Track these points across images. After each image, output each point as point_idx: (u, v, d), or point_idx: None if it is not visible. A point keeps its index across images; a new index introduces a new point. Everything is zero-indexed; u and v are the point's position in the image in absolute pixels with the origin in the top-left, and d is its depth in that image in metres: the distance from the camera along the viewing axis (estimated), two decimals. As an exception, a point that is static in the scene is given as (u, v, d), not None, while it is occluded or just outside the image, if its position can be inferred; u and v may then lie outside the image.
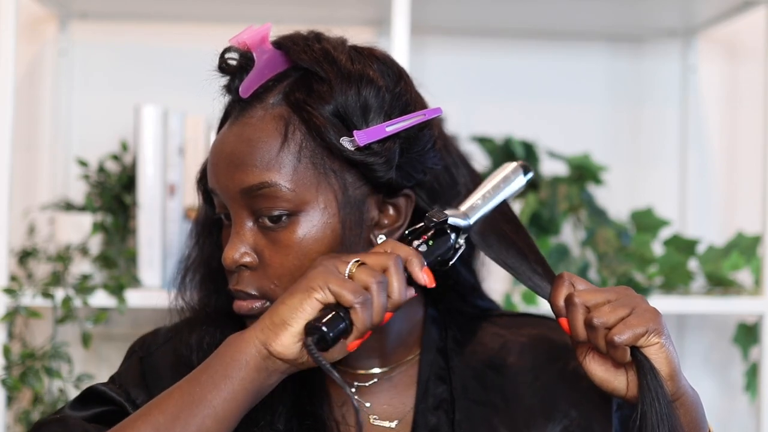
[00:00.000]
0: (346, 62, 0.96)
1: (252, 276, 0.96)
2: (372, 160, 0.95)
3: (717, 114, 2.14)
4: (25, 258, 1.79)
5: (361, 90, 0.96)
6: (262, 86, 0.97)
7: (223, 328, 1.01)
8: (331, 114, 0.95)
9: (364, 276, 0.88)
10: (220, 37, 1.01)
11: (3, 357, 1.64)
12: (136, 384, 1.02)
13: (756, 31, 1.95)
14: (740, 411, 2.09)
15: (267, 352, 0.87)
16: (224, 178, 0.96)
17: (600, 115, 2.12)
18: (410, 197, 1.00)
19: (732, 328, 2.01)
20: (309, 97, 0.95)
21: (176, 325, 1.06)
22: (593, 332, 0.91)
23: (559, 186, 1.89)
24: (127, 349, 1.09)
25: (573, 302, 0.92)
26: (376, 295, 0.88)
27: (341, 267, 0.89)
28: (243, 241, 0.96)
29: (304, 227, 0.94)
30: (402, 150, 0.97)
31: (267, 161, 0.94)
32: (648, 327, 0.89)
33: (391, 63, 1.01)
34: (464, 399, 1.02)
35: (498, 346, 1.07)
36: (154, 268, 1.73)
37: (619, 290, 0.93)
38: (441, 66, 2.08)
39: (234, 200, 0.96)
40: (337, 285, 0.87)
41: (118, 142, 1.87)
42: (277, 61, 0.97)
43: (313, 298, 0.87)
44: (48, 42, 2.02)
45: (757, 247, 1.89)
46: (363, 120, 0.96)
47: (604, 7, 1.94)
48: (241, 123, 0.96)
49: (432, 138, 1.01)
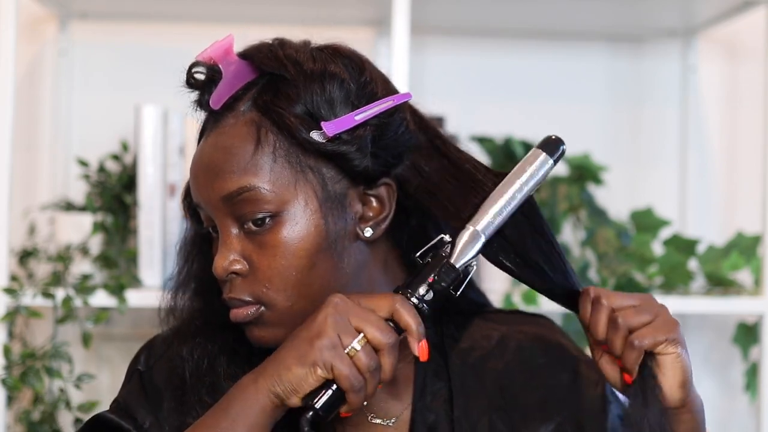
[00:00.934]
0: (307, 61, 0.98)
1: (244, 282, 0.97)
2: (344, 149, 0.96)
3: (717, 114, 2.14)
4: (26, 258, 1.79)
5: (325, 85, 0.97)
6: (232, 96, 0.99)
7: (215, 339, 1.02)
8: (300, 112, 0.96)
9: (366, 360, 0.90)
10: (220, 37, 1.02)
11: (3, 357, 1.64)
12: (141, 405, 1.02)
13: (756, 31, 1.95)
14: (740, 411, 2.09)
15: (280, 402, 0.91)
16: (205, 189, 0.98)
17: (600, 115, 2.12)
18: (391, 186, 1.01)
19: (732, 328, 2.01)
20: (276, 99, 0.97)
21: (169, 337, 1.06)
22: (614, 331, 0.94)
23: (559, 186, 1.89)
24: (128, 368, 1.08)
25: (600, 302, 0.95)
26: (370, 381, 0.90)
27: (346, 339, 0.90)
28: (231, 249, 0.97)
29: (287, 226, 0.96)
30: (374, 137, 0.98)
31: (243, 166, 0.96)
32: (668, 336, 0.93)
33: (353, 56, 1.03)
34: (462, 395, 1.02)
35: (494, 343, 1.08)
36: (155, 268, 1.74)
37: (644, 297, 0.96)
38: (441, 66, 2.08)
39: (217, 209, 0.97)
40: (339, 367, 0.89)
41: (119, 142, 1.87)
42: (244, 71, 0.99)
43: (318, 374, 0.89)
44: (48, 42, 2.03)
45: (757, 247, 1.89)
46: (331, 113, 0.97)
47: (604, 7, 1.94)
48: (216, 133, 0.98)
49: (404, 121, 1.02)
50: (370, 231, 1.00)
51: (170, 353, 1.04)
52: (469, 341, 1.07)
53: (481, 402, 1.03)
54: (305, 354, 0.89)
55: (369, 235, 1.00)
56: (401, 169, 1.02)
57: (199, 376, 1.00)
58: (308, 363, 0.89)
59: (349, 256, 0.99)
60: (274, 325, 0.98)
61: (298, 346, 0.90)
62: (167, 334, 1.07)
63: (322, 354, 0.89)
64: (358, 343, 0.90)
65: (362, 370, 0.90)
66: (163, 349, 1.06)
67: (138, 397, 1.03)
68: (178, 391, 1.01)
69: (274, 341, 0.96)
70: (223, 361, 1.01)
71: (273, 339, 0.97)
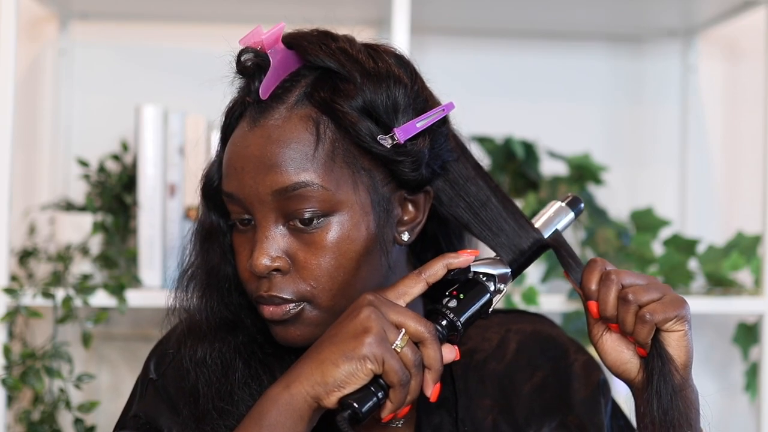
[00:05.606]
0: (367, 60, 0.96)
1: (285, 280, 0.95)
2: (403, 158, 0.95)
3: (717, 114, 2.14)
4: (26, 258, 1.79)
5: (391, 88, 0.96)
6: (279, 86, 0.96)
7: (225, 340, 1.00)
8: (361, 113, 0.95)
9: (411, 355, 0.89)
10: (220, 37, 1.01)
11: (3, 357, 1.64)
12: (162, 414, 1.00)
13: (756, 31, 1.95)
14: (740, 411, 2.09)
15: (317, 405, 0.89)
16: (252, 182, 0.94)
17: (600, 115, 2.12)
18: (429, 193, 1.00)
19: (732, 328, 2.01)
20: (336, 96, 0.94)
21: (180, 337, 1.03)
22: (624, 307, 0.93)
23: (559, 186, 1.89)
24: (138, 379, 1.06)
25: (610, 278, 0.95)
26: (415, 377, 0.90)
27: (391, 335, 0.89)
28: (273, 245, 0.94)
29: (339, 227, 0.94)
30: (430, 146, 0.98)
31: (301, 161, 0.93)
32: (678, 313, 0.93)
33: (406, 61, 1.02)
34: (465, 397, 1.03)
35: (496, 343, 1.08)
36: (155, 268, 1.74)
37: (649, 277, 0.96)
38: (441, 66, 2.08)
39: (263, 203, 0.94)
40: (390, 361, 0.88)
41: (119, 142, 1.88)
42: (289, 60, 0.97)
43: (368, 368, 0.88)
44: (48, 42, 2.03)
45: (757, 247, 1.89)
46: (394, 118, 0.96)
47: (605, 8, 1.94)
48: (264, 125, 0.95)
49: (447, 132, 1.02)
50: (407, 235, 0.99)
51: (180, 357, 1.01)
52: (471, 343, 1.07)
53: (484, 403, 1.03)
54: (353, 349, 0.88)
55: (406, 239, 0.99)
56: (441, 179, 1.01)
57: (211, 383, 0.98)
58: (357, 358, 0.87)
59: (389, 258, 0.98)
60: (312, 324, 0.96)
61: (341, 343, 0.89)
62: (177, 334, 1.04)
63: (371, 349, 0.87)
64: (402, 340, 0.89)
65: (408, 365, 0.89)
66: (174, 351, 1.03)
67: (158, 406, 1.01)
68: (190, 398, 0.98)
69: (309, 340, 0.95)
70: (239, 363, 0.99)
71: (308, 337, 0.96)
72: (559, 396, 1.05)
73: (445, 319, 0.93)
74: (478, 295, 0.95)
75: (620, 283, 0.94)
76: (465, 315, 0.94)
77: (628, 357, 0.96)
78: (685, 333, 0.93)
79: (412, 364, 0.89)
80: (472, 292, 0.95)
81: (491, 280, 0.96)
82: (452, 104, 1.00)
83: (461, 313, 0.94)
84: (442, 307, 0.94)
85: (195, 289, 1.02)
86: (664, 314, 0.92)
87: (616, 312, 0.94)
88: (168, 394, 1.01)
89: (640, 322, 0.92)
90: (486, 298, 0.96)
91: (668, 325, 0.93)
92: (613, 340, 0.97)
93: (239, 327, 1.01)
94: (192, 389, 0.98)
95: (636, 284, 0.94)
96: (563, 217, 1.02)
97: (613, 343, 0.97)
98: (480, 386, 1.04)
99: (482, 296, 0.96)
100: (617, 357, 0.97)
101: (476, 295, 0.95)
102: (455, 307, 0.94)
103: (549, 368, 1.07)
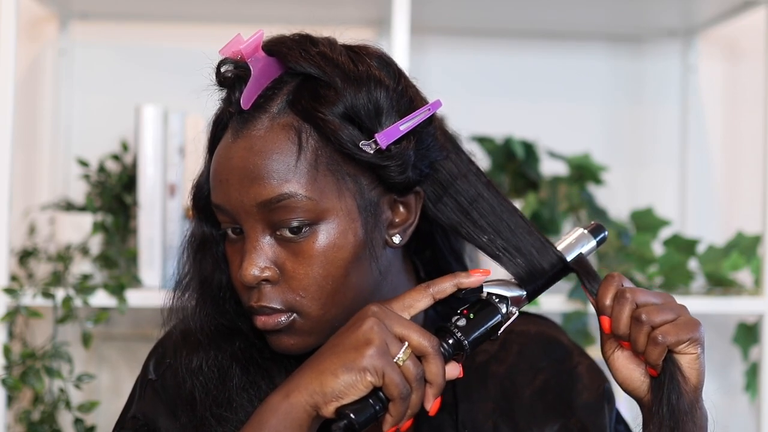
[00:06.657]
0: (347, 64, 0.95)
1: (275, 290, 0.94)
2: (388, 162, 0.94)
3: (717, 114, 2.14)
4: (26, 258, 1.79)
5: (372, 91, 0.94)
6: (261, 95, 0.94)
7: (221, 348, 0.99)
8: (343, 119, 0.93)
9: (413, 369, 0.89)
10: (220, 37, 1.01)
11: (3, 357, 1.64)
12: (161, 414, 1.00)
13: (756, 31, 1.95)
14: (740, 411, 2.09)
15: (316, 414, 0.88)
16: (237, 194, 0.93)
17: (600, 115, 2.12)
18: (419, 194, 0.99)
19: (732, 328, 2.01)
20: (317, 103, 0.93)
21: (176, 344, 1.03)
22: (637, 327, 0.91)
23: (559, 186, 1.89)
24: (137, 379, 1.06)
25: (624, 296, 0.93)
26: (416, 391, 0.89)
27: (393, 348, 0.89)
28: (261, 255, 0.94)
29: (326, 236, 0.93)
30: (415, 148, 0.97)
31: (284, 172, 0.92)
32: (691, 335, 0.91)
33: (388, 60, 1.00)
34: (466, 400, 1.02)
35: (496, 346, 1.07)
36: (155, 268, 1.74)
37: (665, 296, 0.95)
38: (441, 66, 2.08)
39: (249, 214, 0.93)
40: (390, 373, 0.87)
41: (119, 142, 1.88)
42: (271, 67, 0.95)
43: (367, 380, 0.87)
44: (48, 42, 2.03)
45: (757, 247, 1.89)
46: (376, 122, 0.94)
47: (604, 8, 1.94)
48: (247, 136, 0.94)
49: (434, 131, 1.00)
50: (398, 237, 0.98)
51: (177, 364, 1.01)
52: None
53: (485, 406, 1.02)
54: (353, 361, 0.87)
55: (398, 242, 0.98)
56: (430, 179, 1.00)
57: (208, 391, 0.98)
58: (357, 369, 0.87)
59: (380, 263, 0.97)
60: (305, 333, 0.95)
61: (342, 353, 0.88)
62: (174, 340, 1.03)
63: (372, 361, 0.87)
64: (404, 353, 0.89)
65: (409, 378, 0.88)
66: (171, 356, 1.03)
67: (156, 407, 1.01)
68: (188, 406, 0.98)
69: (303, 349, 0.95)
70: (236, 370, 0.98)
71: (303, 347, 0.96)
72: (561, 399, 1.04)
73: (452, 338, 0.92)
74: (489, 316, 0.94)
75: (635, 302, 0.92)
76: (473, 335, 0.93)
77: (639, 376, 0.95)
78: (697, 356, 0.92)
79: (413, 378, 0.89)
80: (482, 313, 0.94)
81: (504, 302, 0.95)
82: (439, 102, 0.99)
83: (469, 333, 0.93)
84: (451, 326, 0.93)
85: (189, 298, 1.02)
86: (677, 336, 0.91)
87: (628, 330, 0.92)
88: (167, 394, 1.01)
89: (652, 344, 0.91)
90: (496, 320, 0.94)
91: (681, 348, 0.91)
92: (625, 358, 0.95)
93: (236, 334, 1.00)
94: (189, 396, 0.98)
95: (650, 304, 0.92)
96: (585, 243, 0.99)
97: (624, 360, 0.95)
98: (481, 388, 1.04)
99: (492, 318, 0.94)
100: (628, 375, 0.95)
101: (486, 316, 0.94)
102: (464, 327, 0.93)
103: (552, 370, 1.06)
